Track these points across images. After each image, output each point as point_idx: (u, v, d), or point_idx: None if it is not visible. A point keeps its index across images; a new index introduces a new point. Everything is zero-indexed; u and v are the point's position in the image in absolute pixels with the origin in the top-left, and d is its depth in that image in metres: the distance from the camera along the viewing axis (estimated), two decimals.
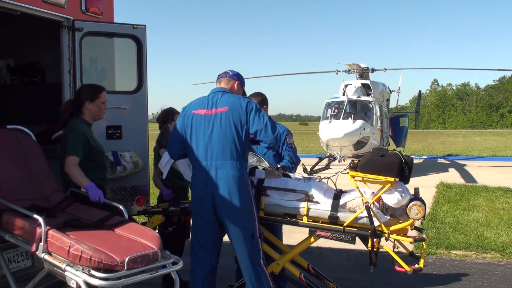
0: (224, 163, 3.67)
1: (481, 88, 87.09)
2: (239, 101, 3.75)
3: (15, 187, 3.49)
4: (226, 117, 3.70)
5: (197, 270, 3.79)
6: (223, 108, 3.72)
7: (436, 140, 40.51)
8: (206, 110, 3.77)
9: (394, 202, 3.64)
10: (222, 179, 3.65)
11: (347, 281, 5.15)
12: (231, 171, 3.66)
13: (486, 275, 5.66)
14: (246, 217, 3.71)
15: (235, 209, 3.66)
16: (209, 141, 3.70)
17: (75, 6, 4.61)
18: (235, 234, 3.71)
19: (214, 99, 3.81)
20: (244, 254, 3.71)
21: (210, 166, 3.68)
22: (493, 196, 11.02)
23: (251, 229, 3.72)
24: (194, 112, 3.81)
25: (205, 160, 3.70)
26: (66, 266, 2.77)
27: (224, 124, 3.69)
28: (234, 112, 3.70)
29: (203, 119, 3.75)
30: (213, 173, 3.67)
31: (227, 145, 3.67)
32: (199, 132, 3.75)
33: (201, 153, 3.72)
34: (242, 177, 3.71)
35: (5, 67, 6.83)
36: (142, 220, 5.70)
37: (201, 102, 3.85)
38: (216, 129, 3.69)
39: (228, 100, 3.76)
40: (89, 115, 3.96)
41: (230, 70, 4.04)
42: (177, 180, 4.78)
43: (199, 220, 3.79)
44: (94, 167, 3.88)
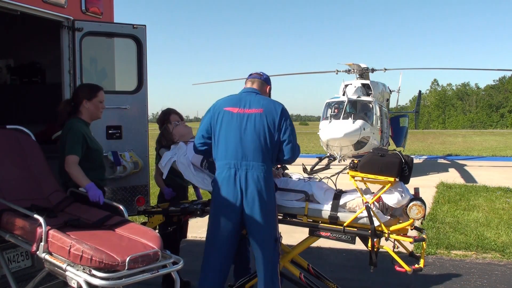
0: (255, 165, 3.60)
1: (481, 88, 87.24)
2: (274, 105, 3.72)
3: (15, 187, 3.49)
4: (260, 119, 3.64)
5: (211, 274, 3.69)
6: (257, 109, 3.66)
7: (436, 140, 40.52)
8: (238, 108, 3.69)
9: (394, 202, 3.64)
10: (253, 180, 3.58)
11: (347, 281, 5.15)
12: (261, 173, 3.60)
13: (486, 275, 5.66)
14: (271, 220, 3.66)
15: (263, 212, 3.59)
16: (240, 141, 3.62)
17: (75, 6, 4.62)
18: (259, 237, 3.64)
19: (247, 98, 3.74)
20: (266, 258, 3.65)
21: (240, 166, 3.60)
22: (493, 196, 11.02)
23: (275, 233, 3.68)
24: (225, 109, 3.72)
25: (235, 159, 3.62)
26: (67, 266, 2.77)
27: (258, 126, 3.63)
28: (269, 115, 3.65)
29: (235, 117, 3.67)
30: (243, 174, 3.59)
31: (259, 147, 3.61)
32: (229, 130, 3.67)
33: (231, 151, 3.64)
34: (271, 179, 3.68)
35: (5, 67, 6.83)
36: (142, 220, 5.71)
37: (233, 100, 3.77)
38: (250, 129, 3.63)
39: (263, 102, 3.71)
40: (87, 114, 3.95)
41: (262, 73, 3.99)
42: (177, 179, 4.79)
43: (222, 222, 3.66)
44: (92, 167, 3.88)
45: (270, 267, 3.66)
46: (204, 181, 4.23)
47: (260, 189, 3.58)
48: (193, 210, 4.33)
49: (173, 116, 4.99)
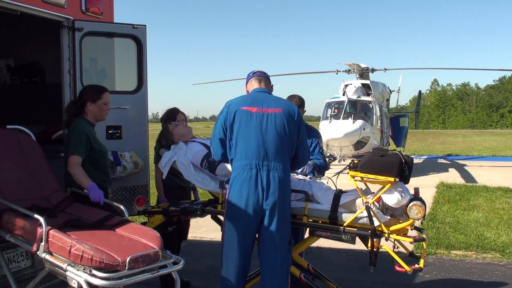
0: (276, 165, 3.55)
1: (481, 88, 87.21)
2: (291, 105, 3.72)
3: (15, 187, 3.49)
4: (280, 118, 3.60)
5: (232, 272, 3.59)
6: (276, 109, 3.62)
7: (436, 140, 40.53)
8: (257, 108, 3.61)
9: (394, 202, 3.64)
10: (275, 180, 3.52)
11: (347, 281, 5.16)
12: (282, 174, 3.56)
13: (486, 275, 5.66)
14: (288, 222, 3.63)
15: (282, 213, 3.55)
16: (262, 140, 3.55)
17: (75, 6, 4.62)
18: (275, 239, 3.55)
19: (263, 98, 3.69)
20: (280, 260, 3.57)
21: (262, 166, 3.54)
22: (493, 196, 11.03)
23: (289, 235, 3.64)
24: (243, 108, 3.62)
25: (257, 159, 3.54)
26: (67, 266, 2.77)
27: (278, 125, 3.58)
28: (288, 116, 3.63)
29: (255, 117, 3.59)
30: (264, 174, 3.53)
31: (280, 146, 3.57)
32: (250, 129, 3.58)
33: (252, 151, 3.56)
34: (289, 180, 3.66)
35: (5, 67, 6.82)
36: (142, 220, 5.71)
37: (249, 100, 3.70)
38: (271, 128, 3.57)
39: (281, 102, 3.70)
40: (91, 116, 3.97)
41: (262, 70, 3.96)
42: (177, 180, 4.79)
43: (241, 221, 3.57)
44: (96, 168, 3.88)
45: (284, 270, 3.60)
46: (204, 181, 4.23)
47: (281, 190, 3.54)
48: (193, 210, 4.33)
49: (180, 115, 5.00)
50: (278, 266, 3.58)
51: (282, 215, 3.56)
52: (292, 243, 3.69)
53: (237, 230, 3.59)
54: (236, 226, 3.59)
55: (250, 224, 3.56)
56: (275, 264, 3.57)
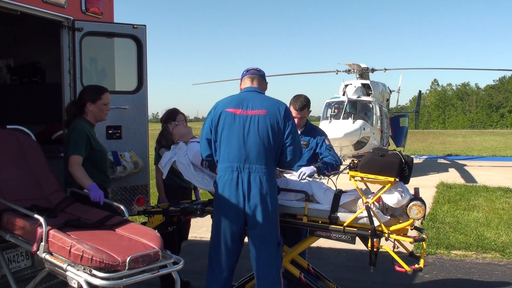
0: (258, 167, 3.55)
1: (481, 88, 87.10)
2: (277, 105, 3.64)
3: (15, 187, 3.49)
4: (263, 120, 3.57)
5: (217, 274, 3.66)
6: (260, 110, 3.59)
7: (436, 140, 40.52)
8: (241, 110, 3.61)
9: (394, 202, 3.64)
10: (256, 183, 3.54)
11: (347, 281, 5.16)
12: (264, 176, 3.55)
13: (486, 275, 5.66)
14: (274, 224, 3.62)
15: (266, 215, 3.55)
16: (243, 143, 3.56)
17: (75, 6, 4.62)
18: (261, 241, 3.59)
19: (250, 98, 3.66)
20: (269, 262, 3.60)
21: (243, 169, 3.55)
22: (493, 196, 11.03)
23: (277, 237, 3.64)
24: (227, 110, 3.63)
25: (238, 162, 3.56)
26: (67, 266, 2.77)
27: (261, 128, 3.56)
28: (272, 117, 3.58)
29: (238, 119, 3.60)
30: (245, 176, 3.55)
31: (262, 149, 3.55)
32: (232, 132, 3.60)
33: (234, 154, 3.58)
34: (274, 182, 3.64)
35: (5, 67, 6.82)
36: (142, 220, 5.71)
37: (235, 101, 3.68)
38: (253, 131, 3.56)
39: (266, 103, 3.64)
40: (91, 116, 3.97)
41: (259, 68, 3.89)
42: (177, 180, 4.79)
43: (225, 224, 3.62)
44: (95, 168, 3.88)
45: (273, 271, 3.61)
46: (204, 181, 4.23)
47: (262, 192, 3.55)
48: (193, 210, 4.33)
49: (180, 116, 5.00)
50: (268, 268, 3.60)
51: (267, 217, 3.56)
52: (281, 244, 3.69)
53: (221, 231, 3.65)
54: (220, 227, 3.66)
55: (233, 225, 3.61)
56: (265, 265, 3.61)
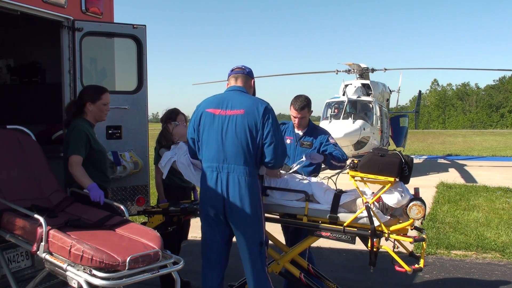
0: (236, 168, 3.53)
1: (481, 88, 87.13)
2: (256, 105, 3.57)
3: (15, 187, 3.50)
4: (241, 120, 3.53)
5: (208, 273, 3.72)
6: (239, 110, 3.55)
7: (436, 140, 40.52)
8: (220, 110, 3.60)
9: (394, 202, 3.64)
10: (234, 183, 3.53)
11: (347, 281, 5.16)
12: (242, 176, 3.53)
13: (486, 275, 5.66)
14: (255, 224, 3.61)
15: (245, 215, 3.55)
16: (222, 143, 3.56)
17: (75, 6, 4.62)
18: (243, 241, 3.60)
19: (230, 98, 3.64)
20: (251, 262, 3.61)
21: (222, 169, 3.56)
22: (493, 196, 11.03)
23: (260, 237, 3.62)
24: (207, 110, 3.65)
25: (217, 162, 3.57)
26: (67, 266, 2.78)
27: (239, 128, 3.53)
28: (250, 117, 3.53)
29: (217, 119, 3.59)
30: (224, 177, 3.55)
31: (240, 150, 3.53)
32: (211, 132, 3.61)
33: (213, 154, 3.59)
34: (254, 183, 3.59)
35: (5, 67, 6.83)
36: (142, 220, 5.71)
37: (216, 101, 3.68)
38: (231, 132, 3.54)
39: (245, 103, 3.59)
40: (91, 116, 3.97)
41: (244, 66, 3.84)
42: (177, 180, 4.79)
43: (209, 222, 3.67)
44: (95, 168, 3.88)
45: (255, 271, 3.61)
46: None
47: (241, 193, 3.53)
48: (193, 210, 4.34)
49: (180, 116, 5.00)
50: (251, 267, 3.62)
51: (246, 217, 3.56)
52: (264, 244, 3.66)
53: (206, 230, 3.73)
54: (205, 226, 3.73)
55: (216, 225, 3.65)
56: (247, 265, 3.64)
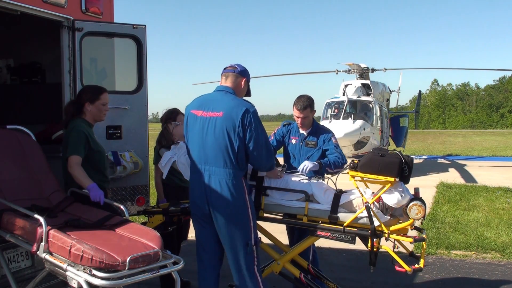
0: (217, 170, 3.51)
1: (481, 88, 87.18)
2: (236, 108, 3.48)
3: (15, 187, 3.49)
4: (220, 123, 3.49)
5: (202, 272, 3.74)
6: (218, 113, 3.51)
7: (436, 140, 40.52)
8: (203, 111, 3.59)
9: (394, 202, 3.64)
10: (216, 185, 3.51)
11: (347, 281, 5.16)
12: (223, 179, 3.50)
13: (486, 275, 5.66)
14: (240, 225, 3.58)
15: (229, 217, 3.53)
16: (203, 145, 3.56)
17: (75, 6, 4.62)
18: (228, 242, 3.59)
19: (214, 99, 3.62)
20: (237, 262, 3.59)
21: (204, 171, 3.56)
22: (493, 196, 11.03)
23: (245, 238, 3.58)
24: (192, 111, 3.67)
25: (200, 164, 3.58)
26: (67, 266, 2.78)
27: (218, 131, 3.49)
28: (228, 120, 3.47)
29: (198, 121, 3.59)
30: (207, 178, 3.55)
31: (220, 153, 3.50)
32: (194, 133, 3.62)
33: (196, 155, 3.61)
34: (236, 185, 3.53)
35: (5, 67, 6.83)
36: (142, 220, 5.71)
37: (201, 102, 3.68)
38: (210, 134, 3.52)
39: (226, 105, 3.52)
40: (89, 116, 3.96)
41: (238, 65, 3.76)
42: (176, 180, 4.79)
43: (198, 222, 3.72)
44: (94, 168, 3.88)
45: (242, 273, 3.58)
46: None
47: (223, 195, 3.50)
48: None
49: (180, 116, 5.00)
50: (238, 269, 3.61)
51: (229, 219, 3.54)
52: (251, 245, 3.59)
53: (198, 230, 3.77)
54: (196, 226, 3.77)
55: (205, 225, 3.67)
56: (232, 266, 3.64)
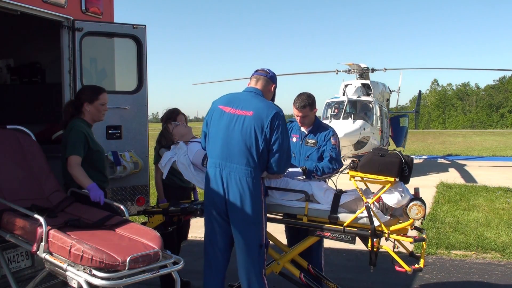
0: (238, 168, 3.53)
1: (481, 88, 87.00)
2: (267, 110, 3.56)
3: (15, 187, 3.50)
4: (248, 122, 3.53)
5: (208, 272, 3.73)
6: (248, 112, 3.56)
7: (436, 140, 40.49)
8: (231, 108, 3.62)
9: (394, 202, 3.64)
10: (236, 183, 3.53)
11: (347, 281, 5.16)
12: (244, 177, 3.53)
13: (486, 275, 5.66)
14: (255, 226, 3.60)
15: (245, 216, 3.55)
16: (227, 142, 3.57)
17: (75, 6, 4.62)
18: (241, 242, 3.59)
19: (244, 99, 3.66)
20: (248, 263, 3.60)
21: (224, 167, 3.57)
22: (493, 196, 11.02)
23: (259, 239, 3.61)
24: (220, 107, 3.68)
25: (220, 159, 3.59)
26: (67, 266, 2.78)
27: (245, 129, 3.53)
28: (257, 120, 3.52)
29: (225, 117, 3.62)
30: (226, 175, 3.56)
31: (244, 151, 3.53)
32: (219, 129, 3.63)
33: (218, 151, 3.61)
34: (256, 184, 3.57)
35: (5, 67, 6.84)
36: (142, 220, 5.71)
37: (229, 99, 3.71)
38: (237, 131, 3.55)
39: (257, 105, 3.59)
40: (88, 116, 3.96)
41: (269, 70, 3.85)
42: (176, 180, 4.79)
43: (211, 220, 3.69)
44: (93, 168, 3.88)
45: (252, 273, 3.59)
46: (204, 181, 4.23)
47: (242, 193, 3.53)
48: (193, 210, 4.33)
49: (180, 116, 5.00)
50: (248, 269, 3.61)
51: (246, 218, 3.55)
52: (264, 246, 3.63)
53: (209, 227, 3.74)
54: (208, 223, 3.74)
55: (219, 222, 3.66)
56: (242, 266, 3.63)
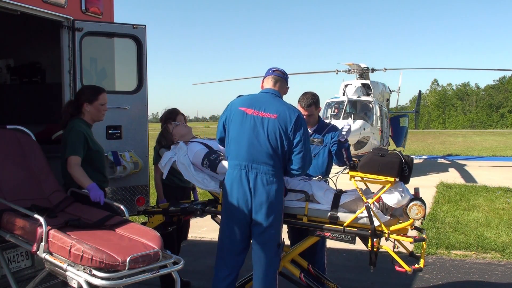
0: (265, 168, 3.60)
1: (481, 88, 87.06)
2: (289, 112, 3.64)
3: (15, 187, 3.50)
4: (273, 124, 3.60)
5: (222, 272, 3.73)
6: (272, 114, 3.62)
7: (436, 140, 40.50)
8: (253, 110, 3.65)
9: (394, 202, 3.64)
10: (262, 183, 3.59)
11: (347, 281, 5.16)
12: (270, 177, 3.61)
13: (486, 275, 5.66)
14: (277, 225, 3.67)
15: (269, 215, 3.60)
16: (252, 143, 3.62)
17: (75, 6, 4.62)
18: (262, 241, 3.64)
19: (265, 101, 3.70)
20: (266, 263, 3.65)
21: (251, 168, 3.61)
22: (493, 196, 11.03)
23: (278, 238, 3.69)
24: (241, 108, 3.70)
25: (246, 161, 3.62)
26: (67, 266, 2.78)
27: (270, 131, 3.60)
28: (282, 122, 3.60)
29: (249, 119, 3.65)
30: (252, 176, 3.61)
31: (270, 151, 3.60)
32: (243, 130, 3.66)
33: (243, 153, 3.64)
34: (280, 185, 3.66)
35: (5, 67, 6.84)
36: (142, 220, 5.71)
37: (250, 100, 3.74)
38: (262, 133, 3.61)
39: (279, 108, 3.65)
40: (88, 116, 3.96)
41: (284, 71, 3.91)
42: (176, 180, 4.79)
43: (233, 221, 3.70)
44: (93, 168, 3.88)
45: (270, 272, 3.66)
46: (204, 181, 4.23)
47: (268, 193, 3.60)
48: (193, 210, 4.33)
49: (179, 116, 5.00)
50: (264, 267, 3.65)
51: (270, 217, 3.61)
52: (281, 246, 3.75)
53: (229, 228, 3.73)
54: (228, 223, 3.73)
55: (241, 223, 3.67)
56: (261, 264, 3.66)
